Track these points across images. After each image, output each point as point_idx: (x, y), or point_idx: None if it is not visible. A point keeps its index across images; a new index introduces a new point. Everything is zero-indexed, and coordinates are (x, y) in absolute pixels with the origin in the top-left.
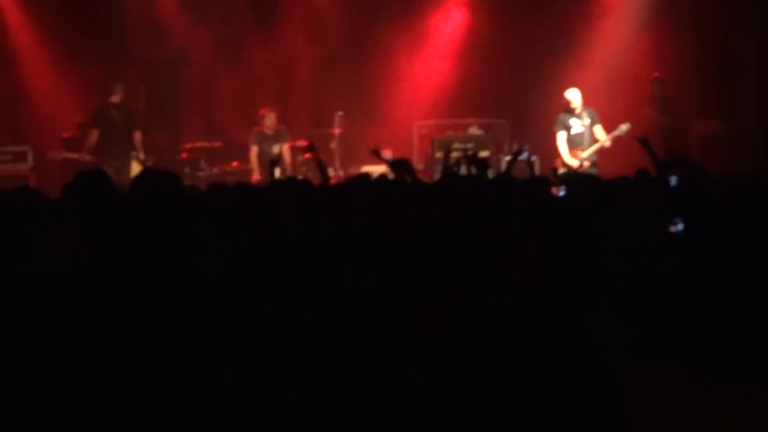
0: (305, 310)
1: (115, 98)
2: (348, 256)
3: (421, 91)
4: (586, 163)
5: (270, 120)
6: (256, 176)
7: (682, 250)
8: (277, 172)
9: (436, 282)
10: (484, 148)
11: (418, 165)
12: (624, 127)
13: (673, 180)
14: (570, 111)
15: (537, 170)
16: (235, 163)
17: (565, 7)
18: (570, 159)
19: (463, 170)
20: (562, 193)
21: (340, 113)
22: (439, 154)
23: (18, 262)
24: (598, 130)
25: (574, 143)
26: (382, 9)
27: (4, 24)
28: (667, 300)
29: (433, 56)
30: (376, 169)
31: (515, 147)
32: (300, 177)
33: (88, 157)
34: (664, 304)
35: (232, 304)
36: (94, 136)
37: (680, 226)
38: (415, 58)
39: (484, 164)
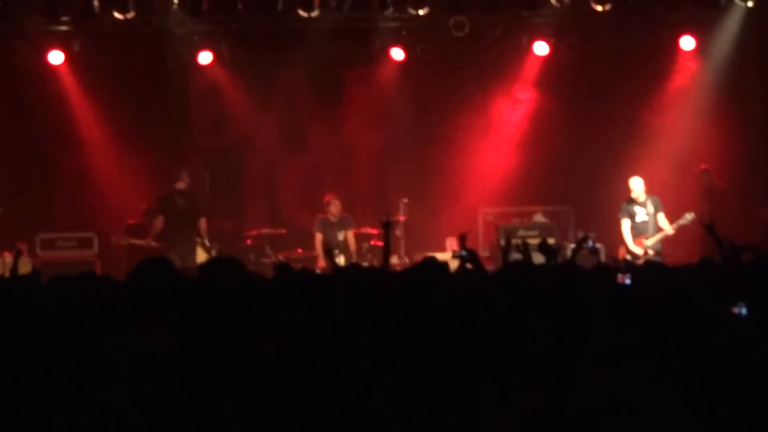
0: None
1: (180, 185)
2: (407, 346)
3: (486, 177)
4: (651, 252)
5: (335, 207)
6: (321, 263)
7: (748, 334)
8: (342, 259)
9: (500, 378)
10: (549, 236)
11: (484, 252)
12: (689, 216)
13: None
14: (634, 199)
15: (602, 258)
16: (300, 250)
17: (633, 95)
18: (634, 247)
19: (536, 258)
20: (628, 281)
21: (406, 200)
22: (504, 241)
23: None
24: (662, 219)
25: (638, 231)
26: (448, 94)
27: (70, 111)
28: (734, 391)
29: (499, 142)
30: (441, 257)
31: (580, 235)
32: (365, 264)
33: (153, 244)
34: (730, 396)
35: (289, 390)
36: (159, 222)
37: (743, 310)
38: (480, 144)
39: (554, 252)
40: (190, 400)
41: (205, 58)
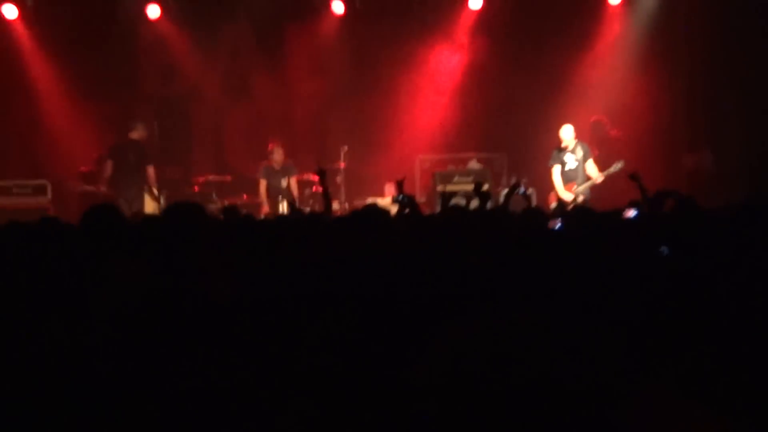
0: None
1: (134, 135)
2: (349, 289)
3: (422, 126)
4: (580, 197)
5: (278, 154)
6: (265, 209)
7: (673, 277)
8: (284, 205)
9: (434, 315)
10: (483, 181)
11: (421, 198)
12: (618, 165)
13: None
14: (563, 146)
15: (534, 203)
16: (245, 196)
17: (564, 48)
18: (564, 193)
19: (473, 203)
20: (558, 225)
21: (346, 148)
22: (440, 187)
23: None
24: (590, 166)
25: (568, 178)
26: (386, 47)
27: (23, 62)
28: (660, 325)
29: (435, 92)
30: (380, 201)
31: (513, 180)
32: (307, 209)
33: (104, 190)
34: (657, 330)
35: (239, 329)
36: (108, 169)
37: (665, 251)
38: (417, 93)
39: (486, 196)
40: (162, 335)
41: (153, 11)
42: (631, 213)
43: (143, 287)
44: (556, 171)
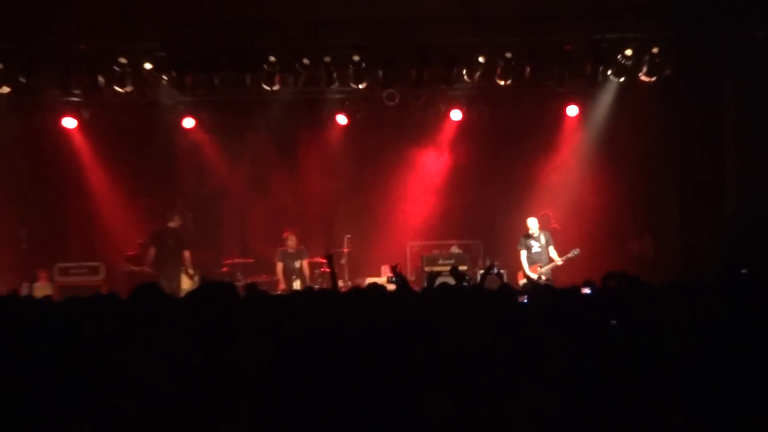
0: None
1: (173, 224)
2: (356, 349)
3: (412, 217)
4: (543, 277)
5: (291, 241)
6: (281, 286)
7: (627, 345)
8: (299, 283)
9: (428, 377)
10: (462, 264)
11: (411, 277)
12: (575, 251)
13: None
14: (530, 234)
15: (505, 280)
16: (264, 276)
17: (530, 151)
18: (530, 273)
19: (450, 281)
20: (525, 300)
21: (349, 236)
22: (427, 268)
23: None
24: (552, 251)
25: (533, 260)
26: (382, 151)
27: (81, 165)
28: (607, 386)
29: (422, 189)
30: (378, 280)
31: (488, 262)
32: (317, 287)
33: (148, 270)
34: (603, 389)
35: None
36: (151, 253)
37: (613, 322)
38: (408, 190)
39: (462, 276)
40: (196, 401)
41: (188, 123)
42: (587, 290)
43: (182, 354)
44: (523, 255)
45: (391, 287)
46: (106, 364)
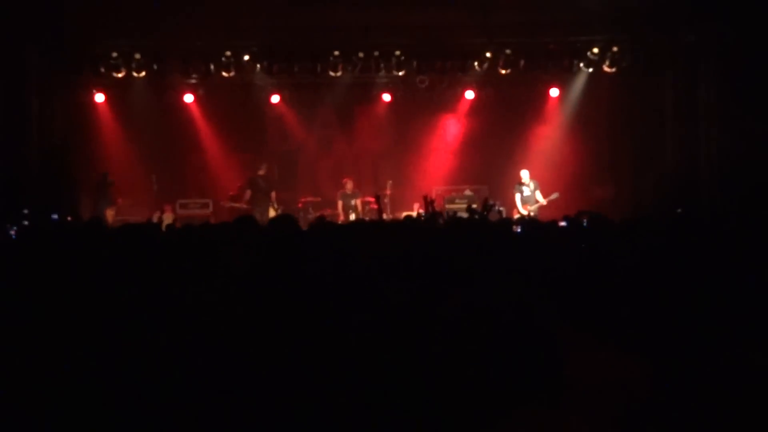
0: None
1: (261, 171)
2: (396, 266)
3: (437, 169)
4: (532, 213)
5: (349, 185)
6: (341, 218)
7: (592, 263)
8: (353, 216)
9: (449, 282)
10: (473, 202)
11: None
12: (555, 195)
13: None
14: (522, 182)
15: (504, 215)
16: (328, 210)
17: (524, 122)
18: (522, 210)
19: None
20: (518, 229)
21: (390, 181)
22: (448, 206)
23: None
24: (539, 195)
25: (524, 201)
26: (416, 121)
27: (197, 129)
28: (587, 294)
29: (445, 148)
30: (412, 214)
31: (491, 202)
32: (367, 219)
33: (245, 206)
34: (585, 296)
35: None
36: (248, 194)
37: (584, 246)
38: (434, 149)
39: (473, 212)
40: (263, 307)
41: (275, 99)
42: (563, 223)
43: (261, 260)
44: (517, 197)
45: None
46: (209, 268)
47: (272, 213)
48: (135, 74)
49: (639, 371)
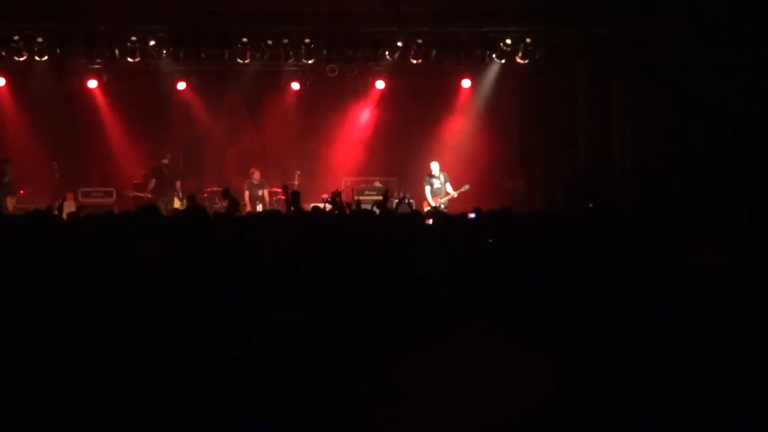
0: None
1: (165, 160)
2: (303, 250)
3: (347, 159)
4: (442, 206)
5: (256, 175)
6: (247, 208)
7: (494, 254)
8: (260, 207)
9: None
10: (382, 194)
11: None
12: (466, 187)
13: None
14: (432, 174)
15: (413, 208)
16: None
17: (435, 112)
18: (432, 202)
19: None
20: (430, 222)
21: (299, 172)
22: (357, 197)
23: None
24: (449, 187)
25: (434, 193)
26: (325, 110)
27: (100, 116)
28: (489, 284)
29: (355, 138)
30: (320, 205)
31: (401, 194)
32: (274, 209)
33: (149, 195)
34: (488, 287)
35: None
36: (152, 183)
37: (490, 240)
38: (344, 139)
39: (383, 206)
40: (184, 292)
41: (181, 85)
42: (472, 215)
43: (165, 253)
44: (427, 189)
45: (329, 207)
46: (112, 260)
47: (177, 203)
48: (37, 58)
49: (543, 368)
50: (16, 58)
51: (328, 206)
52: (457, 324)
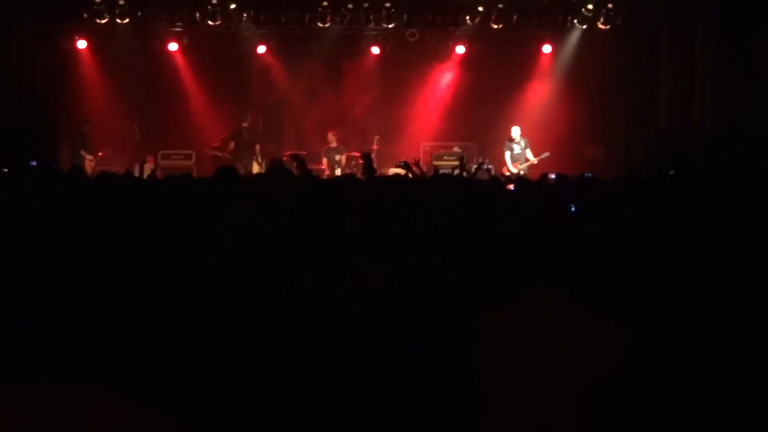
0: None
1: (245, 123)
2: (384, 223)
3: (426, 124)
4: (522, 172)
5: (333, 139)
6: (326, 173)
7: (577, 223)
8: (339, 171)
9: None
10: (461, 160)
11: (423, 168)
12: (546, 154)
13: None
14: (513, 139)
15: (492, 173)
16: (314, 165)
17: (516, 77)
18: (512, 168)
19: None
20: (511, 187)
21: (378, 137)
22: (435, 162)
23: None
24: (529, 153)
25: (514, 159)
26: (406, 74)
27: (182, 79)
28: (566, 253)
29: (435, 103)
30: (398, 171)
31: (480, 160)
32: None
33: (228, 157)
34: (563, 256)
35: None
36: (231, 145)
37: (573, 208)
38: (424, 103)
39: (464, 168)
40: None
41: (261, 49)
42: (553, 175)
43: (249, 218)
44: (507, 155)
45: (403, 172)
46: (189, 226)
47: (256, 167)
48: (118, 21)
49: (617, 336)
50: (98, 21)
51: (401, 171)
52: (532, 287)
